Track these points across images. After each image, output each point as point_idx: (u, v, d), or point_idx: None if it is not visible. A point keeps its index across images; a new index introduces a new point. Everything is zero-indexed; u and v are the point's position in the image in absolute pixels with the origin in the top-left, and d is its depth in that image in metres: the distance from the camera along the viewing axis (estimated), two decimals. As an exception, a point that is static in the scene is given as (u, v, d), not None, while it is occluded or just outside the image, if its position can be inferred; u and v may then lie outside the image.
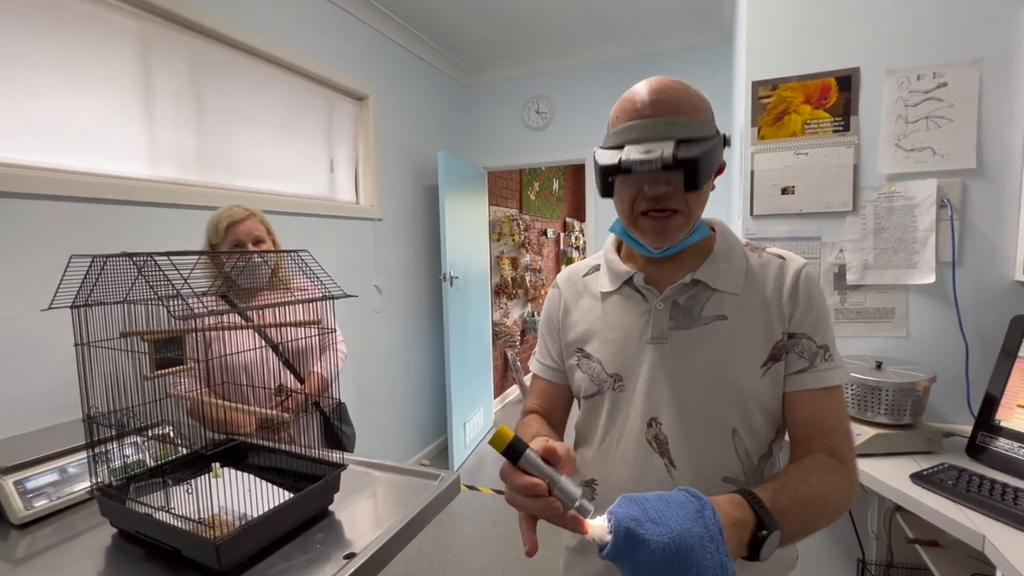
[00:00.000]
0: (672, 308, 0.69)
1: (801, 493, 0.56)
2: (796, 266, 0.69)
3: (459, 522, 2.56)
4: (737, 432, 0.66)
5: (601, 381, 0.73)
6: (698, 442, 0.66)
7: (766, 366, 0.66)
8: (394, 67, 2.97)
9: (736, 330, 0.67)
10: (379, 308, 2.84)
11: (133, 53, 1.67)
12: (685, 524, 0.45)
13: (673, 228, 0.65)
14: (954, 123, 1.32)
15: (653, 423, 0.68)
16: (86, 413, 0.81)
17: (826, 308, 0.69)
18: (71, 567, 0.77)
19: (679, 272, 0.70)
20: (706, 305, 0.68)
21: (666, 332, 0.69)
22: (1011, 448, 1.09)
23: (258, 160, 2.15)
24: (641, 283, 0.71)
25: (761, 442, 0.68)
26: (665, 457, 0.67)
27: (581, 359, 0.75)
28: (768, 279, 0.68)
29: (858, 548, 1.48)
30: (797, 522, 0.55)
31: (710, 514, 0.47)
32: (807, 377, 0.66)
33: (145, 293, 0.73)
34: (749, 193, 1.51)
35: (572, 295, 0.80)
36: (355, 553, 0.75)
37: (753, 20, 1.50)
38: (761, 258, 0.71)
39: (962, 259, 1.33)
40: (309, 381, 1.40)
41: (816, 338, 0.66)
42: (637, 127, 0.63)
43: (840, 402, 0.67)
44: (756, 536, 0.51)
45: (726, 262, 0.70)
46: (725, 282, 0.68)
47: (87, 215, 1.50)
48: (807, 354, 0.66)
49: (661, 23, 3.05)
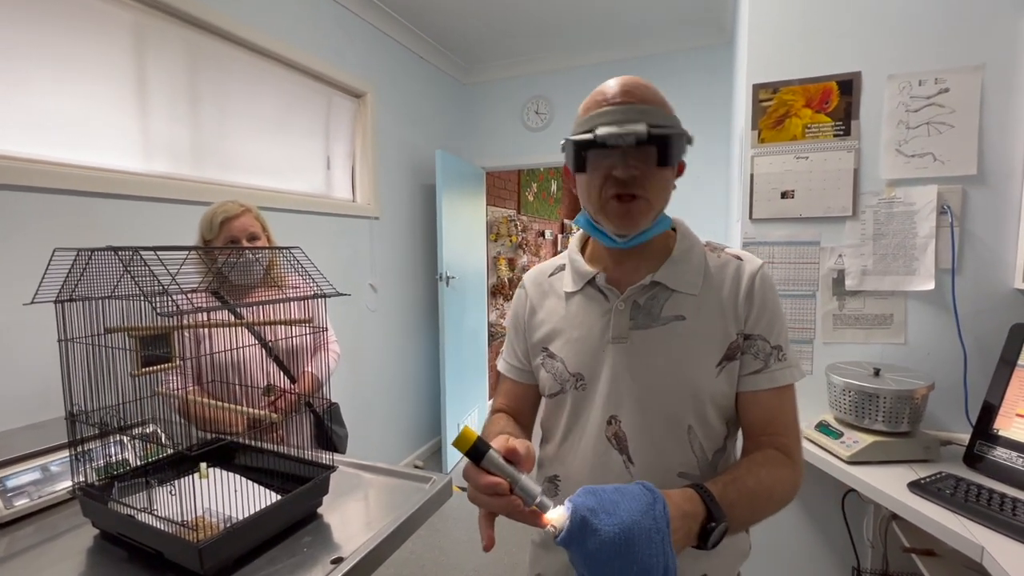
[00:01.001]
0: (632, 308, 0.71)
1: (750, 486, 0.61)
2: (752, 268, 0.71)
3: (451, 524, 2.54)
4: (692, 429, 0.68)
5: (564, 380, 0.74)
6: (655, 439, 0.68)
7: (721, 365, 0.68)
8: (393, 65, 2.95)
9: (693, 330, 0.69)
10: (374, 307, 2.82)
11: (127, 44, 1.65)
12: (635, 516, 0.48)
13: (637, 213, 0.66)
14: (955, 129, 1.31)
15: (613, 421, 0.70)
16: (68, 411, 0.79)
17: (780, 309, 0.72)
18: (51, 568, 0.75)
19: (639, 273, 0.72)
20: (665, 305, 0.70)
21: (626, 332, 0.70)
22: (1009, 458, 1.08)
23: (254, 156, 2.12)
24: (603, 283, 0.73)
25: (715, 437, 0.70)
26: (624, 454, 0.69)
27: (546, 358, 0.77)
28: (725, 280, 0.71)
29: (853, 556, 1.47)
30: (745, 513, 0.60)
31: (660, 508, 0.50)
32: (762, 378, 0.69)
33: (132, 289, 0.71)
34: (748, 196, 1.50)
35: (538, 295, 0.81)
36: (343, 558, 0.73)
37: (755, 23, 1.49)
38: (720, 258, 0.73)
39: (961, 266, 1.33)
40: (301, 381, 1.38)
41: (770, 339, 0.69)
42: (610, 112, 0.66)
43: (791, 400, 0.71)
44: (705, 527, 0.55)
45: (685, 263, 0.72)
46: (684, 283, 0.70)
47: (77, 208, 1.47)
48: (762, 355, 0.69)
49: (662, 25, 3.05)
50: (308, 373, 1.39)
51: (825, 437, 1.28)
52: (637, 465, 0.69)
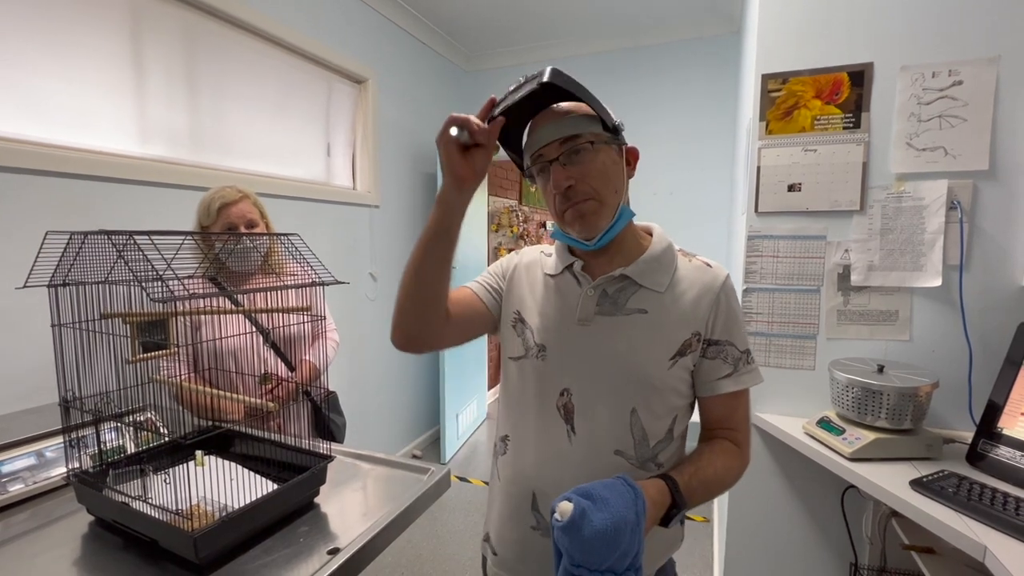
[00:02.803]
0: (600, 296, 0.77)
1: (708, 475, 0.72)
2: (719, 277, 0.77)
3: (449, 513, 2.54)
4: (636, 412, 0.74)
5: (528, 347, 0.80)
6: (599, 416, 0.75)
7: (674, 360, 0.74)
8: (395, 50, 2.91)
9: (653, 324, 0.75)
10: (374, 296, 2.81)
11: (124, 26, 1.62)
12: (622, 511, 0.58)
13: (590, 214, 0.73)
14: (968, 123, 1.28)
15: (565, 393, 0.77)
16: (62, 396, 0.78)
17: (742, 316, 0.79)
18: (46, 554, 0.74)
19: (612, 265, 0.78)
20: (631, 298, 0.76)
21: (591, 316, 0.77)
22: (1012, 457, 1.07)
23: (252, 141, 2.10)
24: (578, 270, 0.80)
25: (659, 426, 0.76)
26: (568, 424, 0.76)
27: (517, 322, 0.83)
28: (693, 284, 0.77)
29: (851, 552, 1.47)
30: (701, 498, 0.71)
31: (641, 504, 0.60)
32: (730, 382, 0.76)
33: (127, 274, 0.69)
34: (755, 189, 1.48)
35: (527, 266, 0.88)
36: (340, 548, 0.73)
37: (765, 12, 1.45)
38: (691, 263, 0.79)
39: (969, 263, 1.31)
40: (299, 369, 1.37)
41: (738, 344, 0.76)
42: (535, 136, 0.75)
43: (747, 398, 0.79)
44: (668, 512, 0.66)
45: (655, 262, 0.77)
46: (651, 280, 0.76)
47: (72, 191, 1.45)
48: (731, 359, 0.76)
49: (668, 14, 3.00)
50: (306, 362, 1.38)
51: (827, 433, 1.27)
52: (578, 436, 0.75)
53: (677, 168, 3.22)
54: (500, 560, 0.84)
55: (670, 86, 3.23)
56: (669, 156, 3.23)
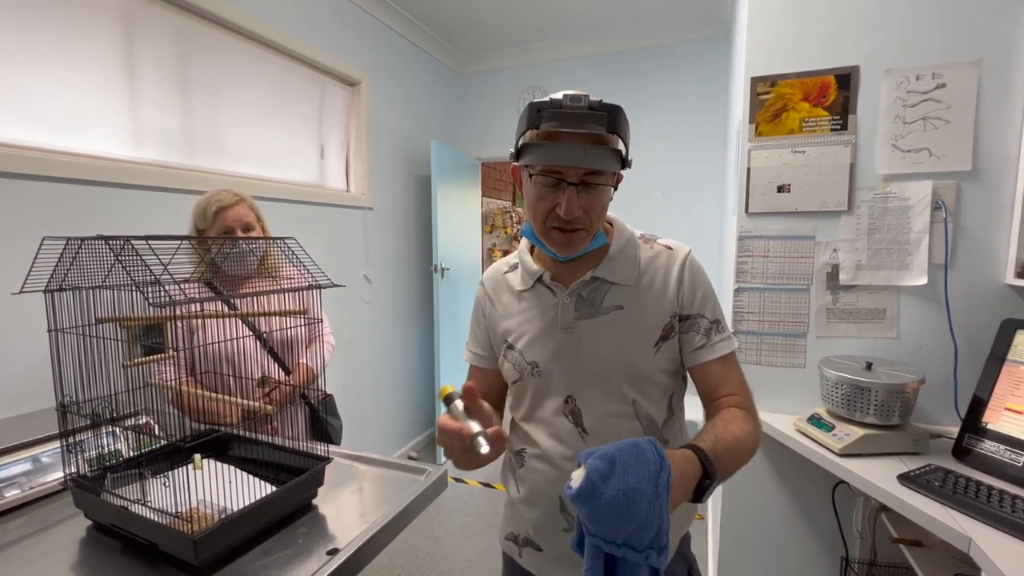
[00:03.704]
0: (577, 301, 0.79)
1: (729, 441, 0.68)
2: (682, 255, 0.80)
3: (446, 514, 2.55)
4: (637, 402, 0.77)
5: (522, 368, 0.82)
6: (605, 413, 0.77)
7: (658, 345, 0.77)
8: (388, 53, 2.91)
9: (631, 317, 0.77)
10: (369, 298, 2.81)
11: (116, 29, 1.61)
12: (640, 483, 0.53)
13: (577, 242, 0.75)
14: (951, 124, 1.31)
15: (569, 400, 0.79)
16: (59, 401, 0.78)
17: (711, 287, 0.81)
18: (44, 559, 0.75)
19: (581, 269, 0.80)
20: (606, 297, 0.78)
21: (573, 322, 0.79)
22: (997, 450, 1.10)
23: (246, 144, 2.10)
24: (549, 280, 0.81)
25: (659, 408, 0.79)
26: (579, 426, 0.78)
27: (507, 351, 0.85)
28: (659, 269, 0.80)
29: (842, 546, 1.49)
30: (729, 466, 0.67)
31: (665, 476, 0.55)
32: (706, 351, 0.78)
33: (123, 279, 0.70)
34: (745, 190, 1.50)
35: (495, 292, 0.89)
36: (338, 549, 0.74)
37: (754, 15, 1.48)
38: (652, 249, 0.82)
39: (954, 261, 1.34)
40: (296, 372, 1.37)
41: (707, 315, 0.79)
42: (566, 149, 0.70)
43: (736, 364, 0.80)
44: (701, 484, 0.61)
45: (621, 257, 0.80)
46: (621, 275, 0.79)
47: (66, 196, 1.45)
48: (703, 330, 0.78)
49: (660, 16, 3.03)
50: (303, 365, 1.39)
51: (817, 430, 1.29)
52: (590, 434, 0.77)
53: (669, 169, 3.25)
54: (545, 555, 0.83)
55: (661, 88, 3.26)
56: (661, 157, 3.25)
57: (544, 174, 0.71)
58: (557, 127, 0.69)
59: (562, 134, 0.69)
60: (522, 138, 0.74)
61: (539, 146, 0.70)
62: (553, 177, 0.71)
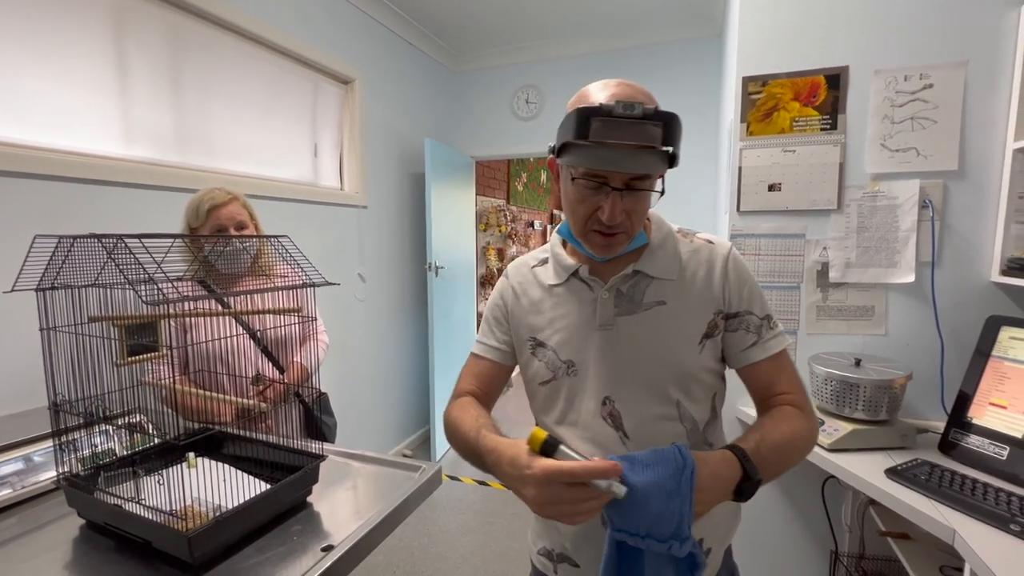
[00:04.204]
0: (616, 296, 0.75)
1: (776, 440, 0.66)
2: (724, 250, 0.77)
3: (440, 512, 2.56)
4: (681, 403, 0.73)
5: (556, 367, 0.78)
6: (647, 416, 0.73)
7: (702, 343, 0.74)
8: (382, 51, 2.90)
9: (674, 313, 0.73)
10: (363, 297, 2.81)
11: (107, 26, 1.60)
12: (659, 479, 0.56)
13: (617, 245, 0.72)
14: (938, 124, 1.33)
15: (607, 401, 0.74)
16: (51, 400, 0.78)
17: (756, 282, 0.78)
18: (37, 558, 0.74)
19: (620, 263, 0.75)
20: (646, 292, 0.75)
21: (612, 319, 0.74)
22: (982, 445, 1.12)
23: (239, 142, 2.08)
24: (586, 275, 0.77)
25: (702, 409, 0.75)
26: (619, 430, 0.73)
27: (536, 347, 0.80)
28: (700, 264, 0.76)
29: (831, 540, 1.51)
30: (774, 466, 0.66)
31: (688, 474, 0.56)
32: (757, 350, 0.74)
33: (116, 277, 0.70)
34: (736, 189, 1.51)
35: (521, 286, 0.84)
36: (333, 545, 0.74)
37: (745, 15, 1.49)
38: (692, 243, 0.78)
39: (941, 259, 1.36)
40: (290, 371, 1.37)
41: (756, 311, 0.75)
42: (619, 156, 0.64)
43: (789, 361, 0.76)
44: (742, 484, 0.61)
45: (662, 251, 0.76)
46: (662, 270, 0.75)
47: (57, 194, 1.44)
48: (753, 328, 0.74)
49: (653, 16, 3.04)
50: (297, 363, 1.39)
51: (807, 425, 1.31)
52: (632, 439, 0.72)
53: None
54: (583, 571, 0.78)
55: (655, 87, 3.20)
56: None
57: (587, 177, 0.67)
58: (606, 137, 0.63)
59: (609, 133, 0.63)
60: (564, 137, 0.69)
61: (583, 147, 0.65)
62: (596, 181, 0.67)
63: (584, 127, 0.63)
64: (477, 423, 0.74)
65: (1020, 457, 1.05)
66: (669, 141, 0.64)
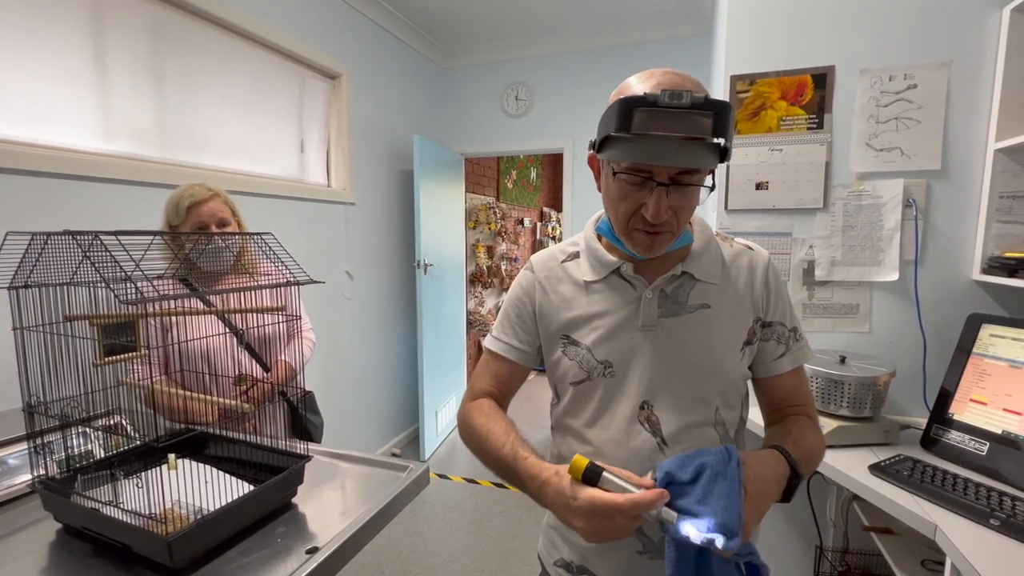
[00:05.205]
0: (660, 297, 0.72)
1: (805, 448, 0.68)
2: (764, 258, 0.76)
3: (429, 511, 2.55)
4: (719, 410, 0.72)
5: (591, 368, 0.74)
6: (688, 422, 0.70)
7: (743, 350, 0.73)
8: (370, 46, 2.87)
9: (718, 317, 0.72)
10: (350, 294, 2.78)
11: (85, 16, 1.56)
12: (711, 462, 0.57)
13: (661, 244, 0.69)
14: (922, 124, 1.35)
15: (646, 406, 0.71)
16: (26, 402, 0.76)
17: (788, 293, 0.78)
18: (13, 563, 0.72)
19: (666, 263, 0.73)
20: (691, 294, 0.72)
21: (655, 320, 0.72)
22: (962, 440, 1.14)
23: (223, 137, 2.05)
24: (630, 273, 0.73)
25: (735, 415, 0.75)
26: (657, 436, 0.70)
27: (567, 346, 0.76)
28: (741, 269, 0.75)
29: (816, 535, 1.53)
30: (806, 469, 0.67)
31: (734, 463, 0.57)
32: (786, 360, 0.75)
33: (92, 275, 0.68)
34: (724, 187, 1.52)
35: (550, 280, 0.79)
36: (318, 547, 0.73)
37: (733, 14, 1.50)
38: (732, 248, 0.77)
39: (924, 258, 1.38)
40: (275, 369, 1.35)
41: (787, 323, 0.76)
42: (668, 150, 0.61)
43: (805, 374, 0.78)
44: (790, 484, 0.62)
45: (707, 253, 0.74)
46: (707, 273, 0.73)
47: (33, 190, 1.40)
48: (783, 339, 0.75)
49: (643, 13, 3.04)
50: (282, 362, 1.37)
51: (793, 422, 1.32)
52: (670, 446, 0.70)
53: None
54: None
55: None
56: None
57: (630, 172, 0.63)
58: (650, 129, 0.59)
59: (658, 125, 0.60)
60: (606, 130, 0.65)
61: (626, 140, 0.61)
62: (640, 176, 0.63)
63: (627, 119, 0.60)
64: (509, 438, 0.71)
65: (1000, 452, 1.07)
66: (720, 132, 0.60)
